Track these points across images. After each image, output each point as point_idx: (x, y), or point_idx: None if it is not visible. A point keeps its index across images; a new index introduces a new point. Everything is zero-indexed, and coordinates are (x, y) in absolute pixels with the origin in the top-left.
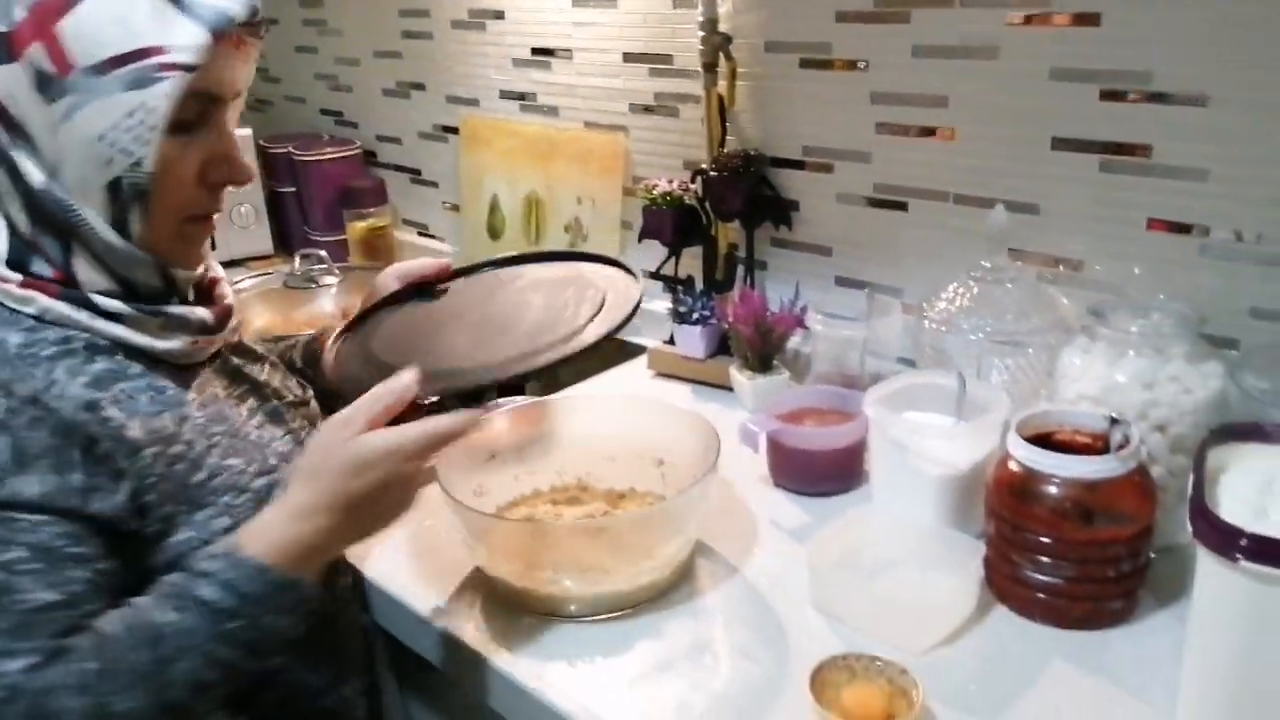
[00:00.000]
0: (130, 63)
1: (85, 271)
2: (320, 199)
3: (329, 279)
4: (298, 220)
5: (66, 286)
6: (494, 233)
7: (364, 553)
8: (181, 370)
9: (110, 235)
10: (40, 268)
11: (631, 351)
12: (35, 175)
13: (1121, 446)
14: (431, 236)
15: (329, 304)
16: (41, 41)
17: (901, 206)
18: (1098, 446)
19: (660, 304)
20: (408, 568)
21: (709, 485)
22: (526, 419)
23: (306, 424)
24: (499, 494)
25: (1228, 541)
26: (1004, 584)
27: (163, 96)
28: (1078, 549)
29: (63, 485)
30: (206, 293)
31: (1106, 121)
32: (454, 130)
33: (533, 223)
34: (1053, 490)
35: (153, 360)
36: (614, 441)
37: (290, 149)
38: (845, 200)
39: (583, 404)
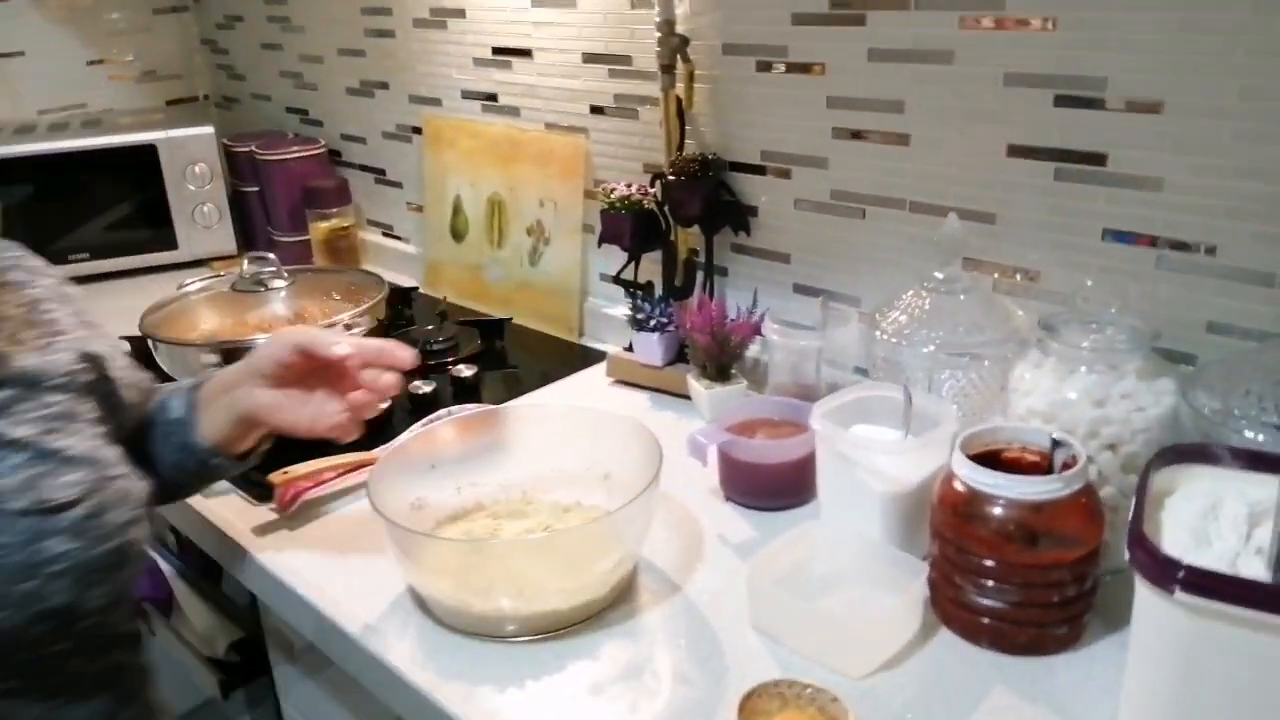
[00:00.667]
0: None
1: None
2: (284, 199)
3: (278, 282)
4: (262, 220)
5: None
6: (457, 235)
7: (294, 566)
8: None
9: None
10: None
11: (593, 358)
12: None
13: (1066, 467)
14: (396, 237)
15: (279, 307)
16: None
17: (858, 214)
18: (1045, 466)
19: (621, 309)
20: (339, 583)
21: (647, 502)
22: (471, 428)
23: None
24: (438, 508)
25: (1165, 573)
26: (948, 607)
27: None
28: (1021, 573)
29: None
30: None
31: (1061, 128)
32: (417, 130)
33: (495, 225)
34: (996, 511)
35: None
36: (561, 454)
37: (253, 148)
38: (803, 206)
39: (530, 414)
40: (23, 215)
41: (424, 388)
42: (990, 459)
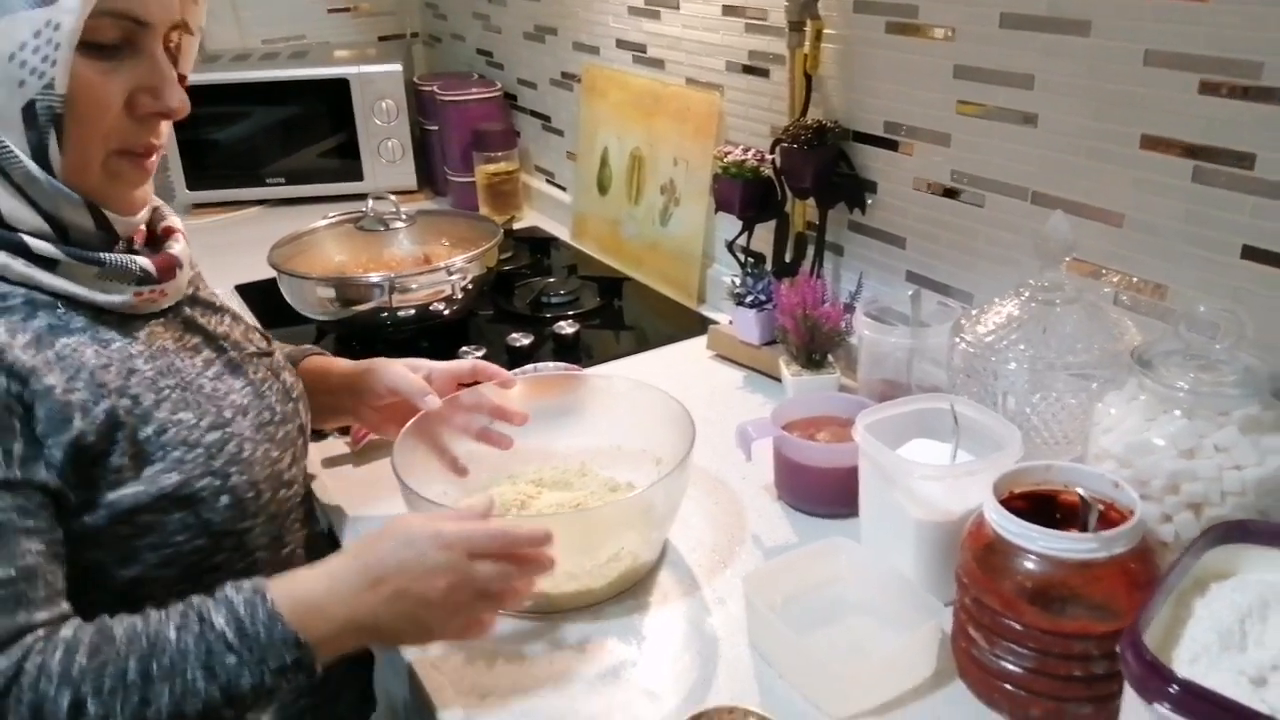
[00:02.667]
0: None
1: (8, 203)
2: (457, 139)
3: (398, 223)
4: (440, 159)
5: None
6: (602, 188)
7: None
8: (127, 320)
9: (31, 165)
10: None
11: (708, 325)
12: None
13: (1107, 523)
14: (558, 185)
15: (396, 249)
16: None
17: (978, 200)
18: (1112, 517)
19: (734, 278)
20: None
21: (637, 502)
22: (540, 389)
23: (270, 375)
24: (492, 464)
25: (1150, 683)
26: (964, 660)
27: (68, 12)
28: (1038, 638)
29: (7, 455)
30: (161, 242)
31: (1205, 120)
32: (577, 79)
33: (634, 180)
34: (1021, 564)
35: (96, 311)
36: (623, 429)
37: (435, 88)
38: (921, 187)
39: (598, 384)
40: (231, 139)
41: (521, 340)
42: (1043, 501)
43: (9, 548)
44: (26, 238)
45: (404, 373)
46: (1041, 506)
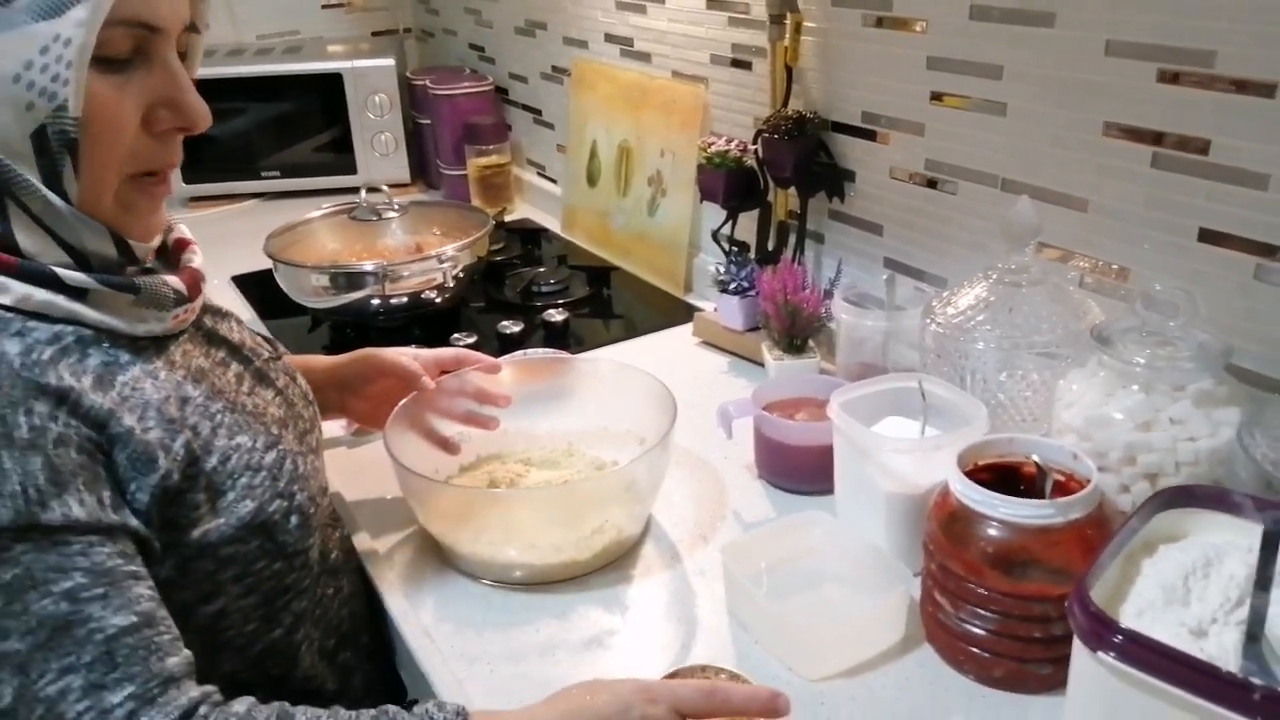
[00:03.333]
0: None
1: (26, 238)
2: (449, 133)
3: (391, 213)
4: (433, 152)
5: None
6: (591, 180)
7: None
8: (162, 344)
9: (49, 194)
10: None
11: (694, 313)
12: None
13: (1062, 490)
14: (548, 178)
15: (389, 239)
16: None
17: (951, 187)
18: (1071, 487)
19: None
20: (367, 509)
21: (620, 476)
22: (528, 371)
23: (289, 379)
24: (481, 443)
25: (1096, 632)
26: (931, 624)
27: (78, 25)
28: (1000, 601)
29: (100, 502)
30: (173, 256)
31: (1163, 108)
32: (567, 72)
33: (623, 172)
34: (982, 531)
35: (133, 340)
36: (609, 411)
37: (428, 81)
38: (898, 175)
39: (584, 368)
40: (226, 134)
41: (512, 327)
42: (1007, 473)
43: (124, 595)
44: (55, 269)
45: (400, 356)
46: (1005, 478)
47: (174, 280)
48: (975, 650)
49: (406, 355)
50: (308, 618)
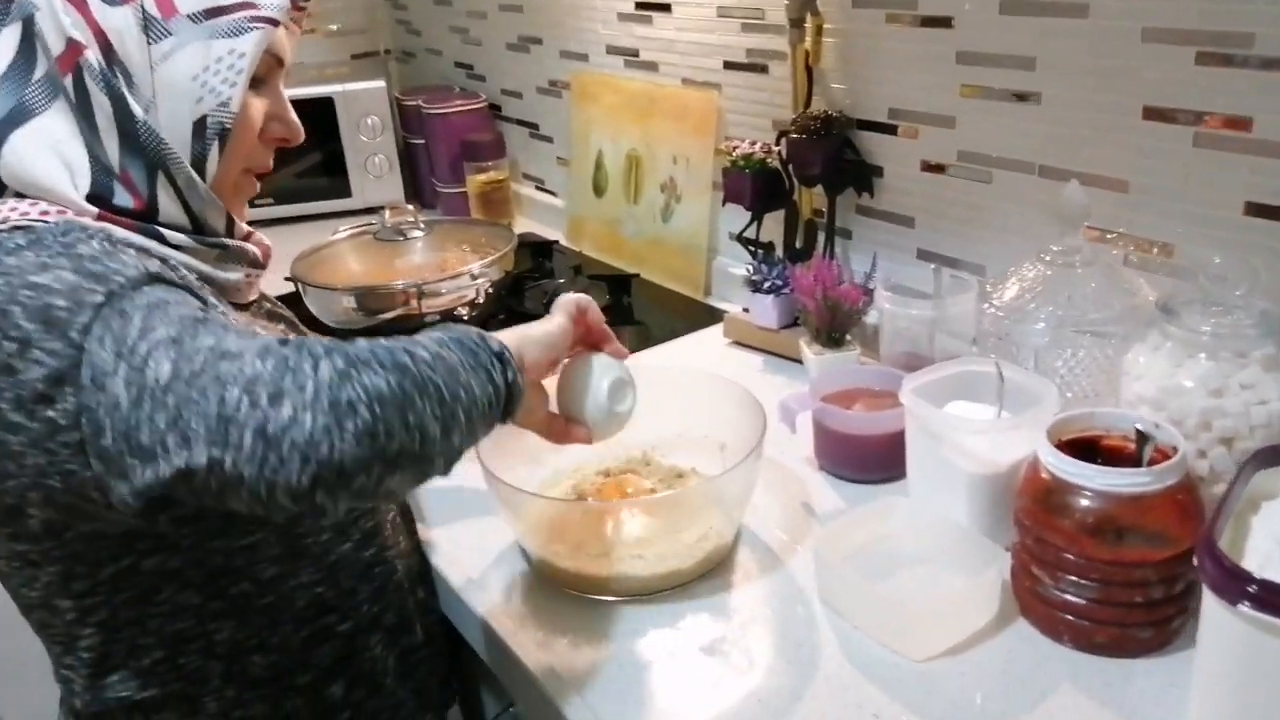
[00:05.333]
0: (226, 14)
1: (166, 203)
2: (445, 151)
3: (416, 232)
4: (427, 171)
5: (144, 219)
6: (598, 190)
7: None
8: (237, 309)
9: (192, 172)
10: (122, 199)
11: (717, 317)
12: (137, 109)
13: (1159, 459)
14: (548, 191)
15: (416, 256)
16: None
17: (985, 177)
18: (1155, 456)
19: (744, 269)
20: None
21: (725, 483)
22: None
23: None
24: (557, 457)
25: (1232, 584)
26: (1026, 598)
27: (252, 44)
28: (1101, 569)
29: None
30: (248, 239)
31: (1202, 90)
32: (566, 86)
33: (632, 181)
34: (1079, 502)
35: (215, 295)
36: (682, 416)
37: (420, 102)
38: (929, 168)
39: (653, 374)
40: None
41: None
42: (1087, 446)
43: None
44: (162, 229)
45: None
46: (1086, 451)
47: (253, 248)
48: (1075, 619)
49: None
50: (378, 537)
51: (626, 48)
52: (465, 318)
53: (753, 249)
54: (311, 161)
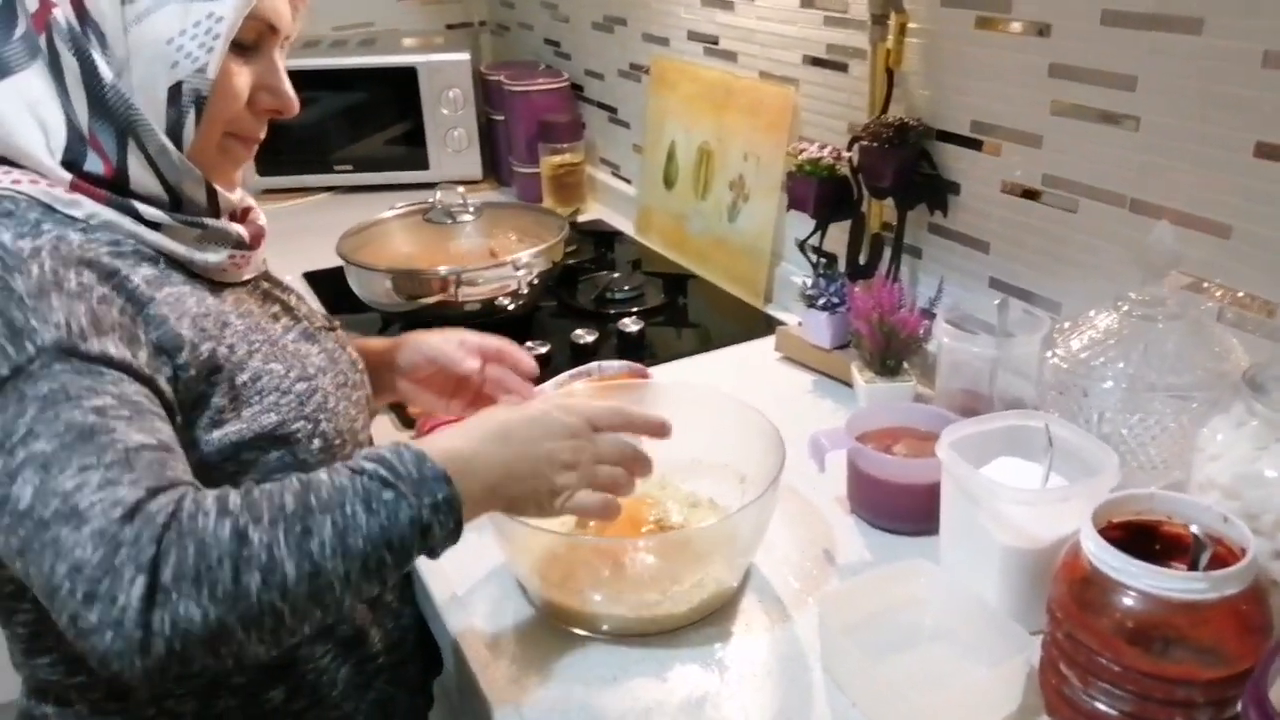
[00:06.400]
0: None
1: (137, 170)
2: (523, 130)
3: (465, 216)
4: (506, 149)
5: (116, 189)
6: (668, 182)
7: None
8: (217, 287)
9: (164, 139)
10: (94, 164)
11: (775, 327)
12: (106, 71)
13: (1218, 563)
14: (623, 178)
15: (463, 241)
16: None
17: (1071, 206)
18: (1221, 554)
19: (806, 279)
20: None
21: (727, 529)
22: (609, 395)
23: (339, 347)
24: None
25: None
26: (1053, 697)
27: (231, 8)
28: (1138, 681)
29: (134, 355)
30: (240, 220)
31: None
32: (646, 70)
33: (702, 176)
34: (1121, 601)
35: (191, 275)
36: (702, 440)
37: (502, 77)
38: (1010, 189)
39: (670, 391)
40: (300, 126)
41: (586, 336)
42: (1143, 533)
43: (148, 423)
44: (137, 204)
45: (440, 343)
46: (1141, 537)
47: (239, 228)
48: None
49: (451, 342)
50: None
51: (707, 34)
52: (508, 307)
53: (814, 260)
54: (392, 132)
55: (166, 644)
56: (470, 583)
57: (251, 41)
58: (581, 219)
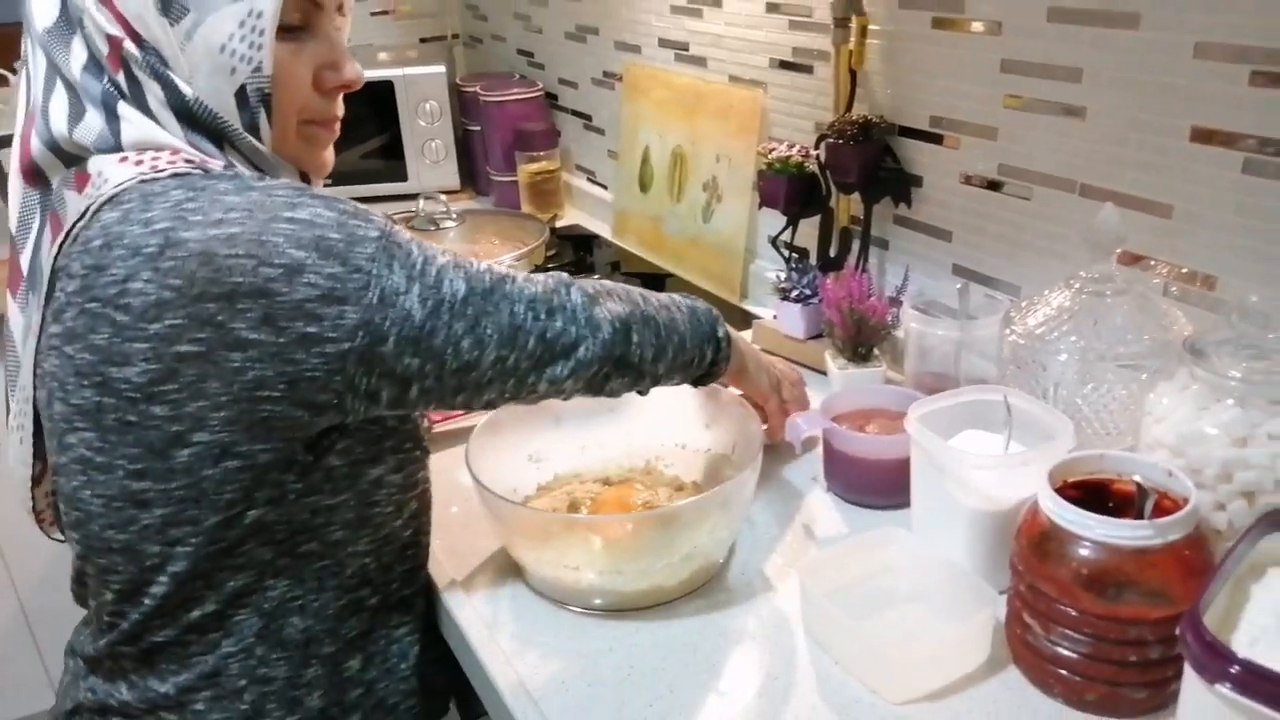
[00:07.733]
0: None
1: (243, 168)
2: (500, 139)
3: (449, 222)
4: (483, 159)
5: None
6: (643, 185)
7: None
8: None
9: (251, 139)
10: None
11: (750, 322)
12: (185, 88)
13: (1162, 511)
14: (599, 184)
15: (448, 247)
16: None
17: (1025, 194)
18: (1166, 505)
19: (779, 273)
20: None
21: (710, 503)
22: None
23: None
24: (558, 462)
25: (1212, 663)
26: (1018, 646)
27: (268, 0)
28: (1094, 624)
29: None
30: None
31: (1256, 112)
32: (619, 77)
33: (676, 178)
34: (1075, 551)
35: None
36: (686, 427)
37: (478, 88)
38: (968, 180)
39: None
40: None
41: None
42: (1096, 491)
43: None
44: None
45: None
46: (1095, 495)
47: None
48: (1066, 673)
49: None
50: (418, 519)
51: (677, 41)
52: None
53: (786, 254)
54: (370, 145)
55: (610, 326)
56: (468, 569)
57: (299, 22)
58: (560, 224)
